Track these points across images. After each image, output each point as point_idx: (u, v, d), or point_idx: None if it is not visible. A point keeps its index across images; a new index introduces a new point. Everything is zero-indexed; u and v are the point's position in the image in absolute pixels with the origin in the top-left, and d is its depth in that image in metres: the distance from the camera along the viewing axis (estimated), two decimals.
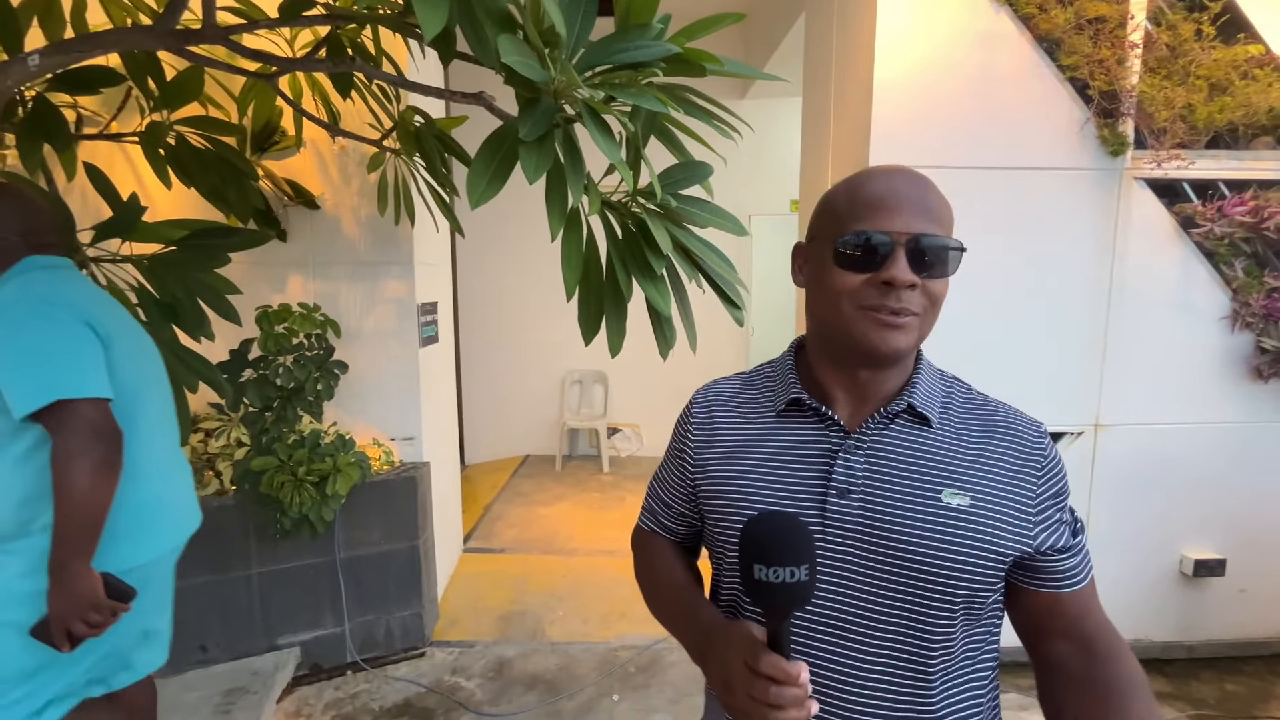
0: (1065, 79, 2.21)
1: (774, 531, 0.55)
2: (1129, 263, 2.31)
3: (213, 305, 1.78)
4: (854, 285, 0.65)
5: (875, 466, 0.67)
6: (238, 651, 2.29)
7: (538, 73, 0.93)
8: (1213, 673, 2.43)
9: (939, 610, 0.65)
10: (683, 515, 0.83)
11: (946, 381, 0.75)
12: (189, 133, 1.91)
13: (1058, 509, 0.69)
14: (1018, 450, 0.69)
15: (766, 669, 0.54)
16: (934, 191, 0.67)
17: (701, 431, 0.78)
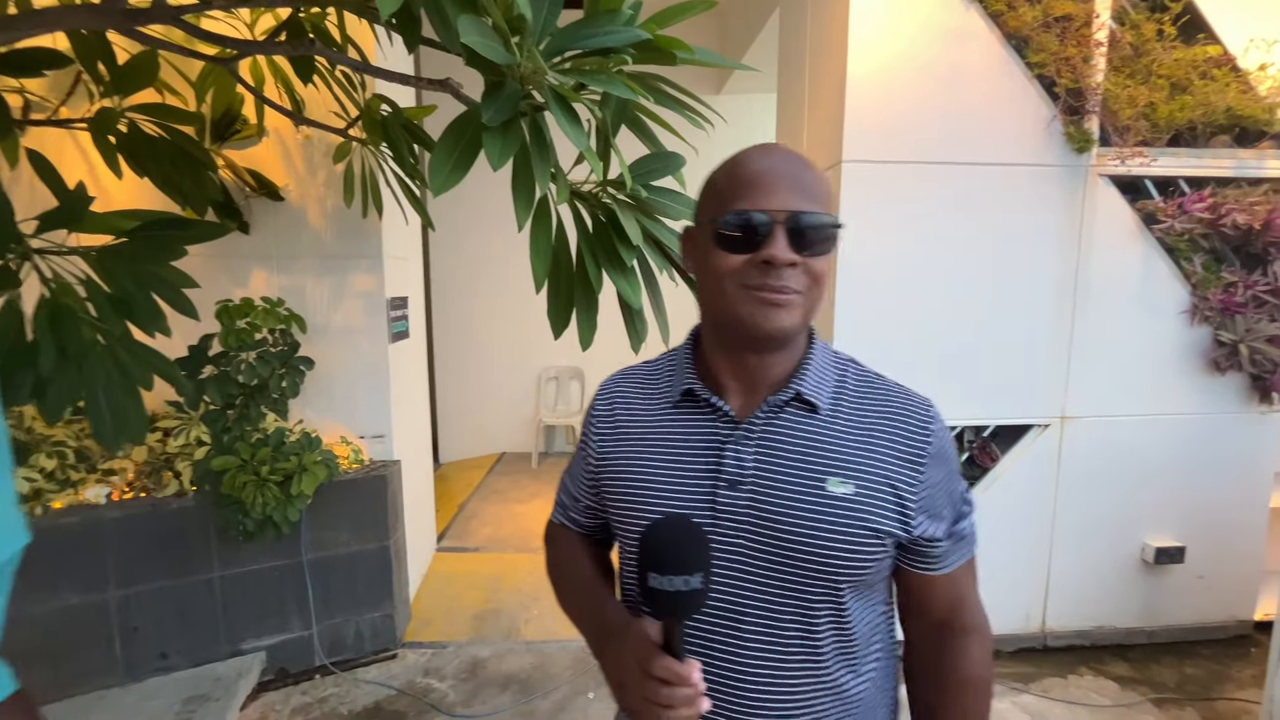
0: (1033, 76, 2.24)
1: (670, 540, 0.56)
2: (1094, 258, 2.36)
3: (168, 299, 1.71)
4: (736, 266, 0.64)
5: (765, 457, 0.67)
6: (199, 658, 2.21)
7: (500, 54, 0.90)
8: (1172, 656, 2.51)
9: (826, 594, 0.66)
10: (590, 509, 0.83)
11: (840, 364, 0.74)
12: (142, 120, 1.83)
13: (945, 493, 0.70)
14: (901, 434, 0.69)
15: (660, 671, 0.55)
16: (811, 169, 0.66)
17: (603, 424, 0.78)
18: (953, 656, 0.72)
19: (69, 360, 1.50)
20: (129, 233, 1.67)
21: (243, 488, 2.00)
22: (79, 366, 1.46)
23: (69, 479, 2.07)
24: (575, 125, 0.99)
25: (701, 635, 0.68)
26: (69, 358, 1.50)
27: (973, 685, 0.72)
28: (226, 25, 2.08)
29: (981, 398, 2.40)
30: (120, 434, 1.51)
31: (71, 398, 1.46)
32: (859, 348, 2.31)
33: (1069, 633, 2.55)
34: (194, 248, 2.19)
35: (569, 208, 1.35)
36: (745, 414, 0.70)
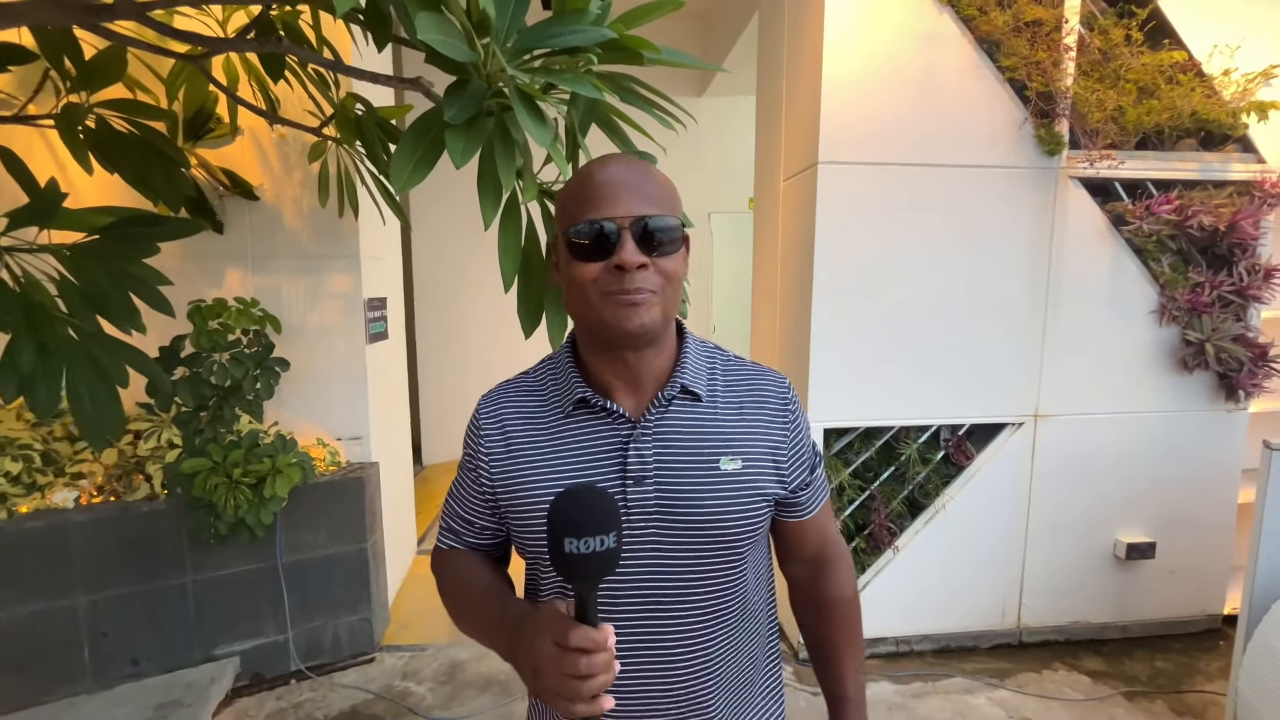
0: (1005, 79, 2.28)
1: (581, 504, 0.56)
2: (1065, 259, 2.40)
3: (143, 296, 1.68)
4: (593, 274, 0.69)
5: (663, 449, 0.73)
6: (171, 664, 2.18)
7: (460, 52, 0.90)
8: (1144, 651, 2.55)
9: (731, 560, 0.75)
10: (486, 529, 0.82)
11: (709, 353, 0.81)
12: (111, 116, 1.80)
13: (801, 449, 0.80)
14: (770, 407, 0.78)
15: (577, 641, 0.55)
16: (654, 175, 0.71)
17: (494, 442, 0.77)
18: (828, 583, 0.87)
19: (51, 356, 1.48)
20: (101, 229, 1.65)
21: (214, 490, 1.97)
22: (61, 363, 1.44)
23: (35, 482, 2.04)
24: (539, 123, 0.99)
25: (624, 623, 0.73)
26: (51, 353, 1.48)
27: (846, 602, 0.87)
28: (199, 23, 2.06)
29: (957, 397, 2.43)
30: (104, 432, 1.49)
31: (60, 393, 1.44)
32: (836, 348, 2.34)
33: (1044, 628, 2.59)
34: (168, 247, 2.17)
35: (539, 206, 1.35)
36: (638, 413, 0.75)
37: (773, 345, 2.77)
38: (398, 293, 3.11)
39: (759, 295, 3.02)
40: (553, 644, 0.56)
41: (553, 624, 0.57)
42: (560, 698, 0.56)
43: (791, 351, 2.54)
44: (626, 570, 0.73)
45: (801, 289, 2.41)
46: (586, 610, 0.57)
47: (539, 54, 1.14)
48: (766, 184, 2.87)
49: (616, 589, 0.73)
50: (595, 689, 0.55)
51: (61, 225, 1.56)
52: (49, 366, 1.39)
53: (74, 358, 1.45)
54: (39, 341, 1.36)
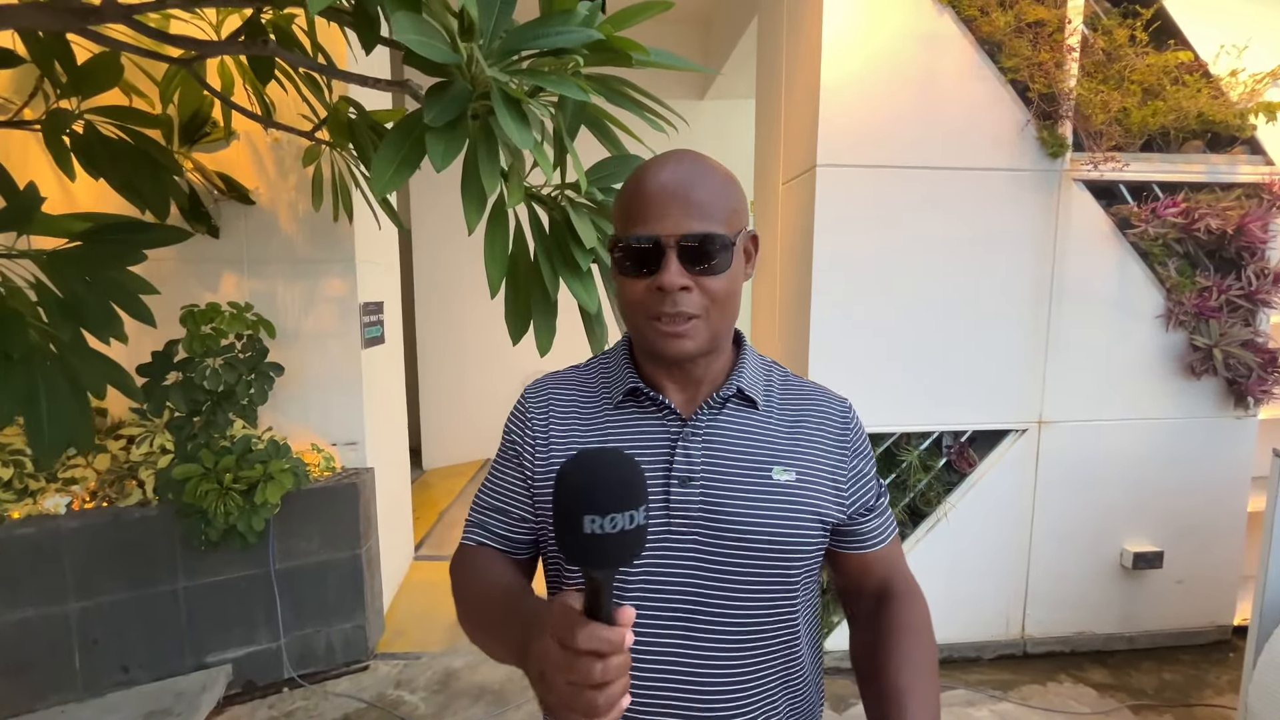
0: (1006, 81, 2.24)
1: (604, 472, 0.46)
2: (1069, 262, 2.36)
3: (124, 305, 1.67)
4: (638, 294, 0.67)
5: (712, 452, 0.70)
6: (162, 671, 2.16)
7: (440, 52, 0.88)
8: (1151, 662, 2.50)
9: (778, 581, 0.69)
10: (524, 520, 0.75)
11: (767, 366, 0.79)
12: (101, 122, 1.79)
13: (865, 475, 0.76)
14: (830, 426, 0.74)
15: (587, 643, 0.45)
16: (710, 180, 0.66)
17: (539, 427, 0.74)
18: (895, 610, 0.74)
19: (14, 366, 1.46)
20: (84, 235, 1.63)
21: (204, 496, 1.96)
22: (23, 372, 1.42)
23: (27, 488, 2.03)
24: (522, 126, 0.96)
25: (656, 641, 0.68)
26: (13, 364, 1.46)
27: (917, 632, 0.72)
28: (195, 27, 2.05)
29: (959, 402, 2.39)
30: (57, 446, 1.46)
31: (17, 405, 1.41)
32: (835, 353, 2.31)
33: (1049, 639, 2.54)
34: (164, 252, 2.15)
35: (527, 211, 1.33)
36: (688, 411, 0.72)
37: (772, 350, 2.74)
38: (395, 297, 3.10)
39: (758, 299, 2.99)
40: (559, 646, 0.47)
41: (561, 621, 0.47)
42: (571, 711, 0.46)
43: (790, 356, 2.50)
44: (662, 581, 0.68)
45: (800, 293, 2.38)
46: (600, 603, 0.46)
47: (527, 55, 1.12)
48: (766, 187, 2.85)
49: (650, 601, 0.67)
50: (611, 700, 0.45)
51: (39, 231, 1.55)
52: (9, 376, 1.36)
53: (40, 368, 1.43)
54: (3, 351, 1.34)
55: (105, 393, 1.69)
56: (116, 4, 1.33)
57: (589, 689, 0.45)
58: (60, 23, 1.34)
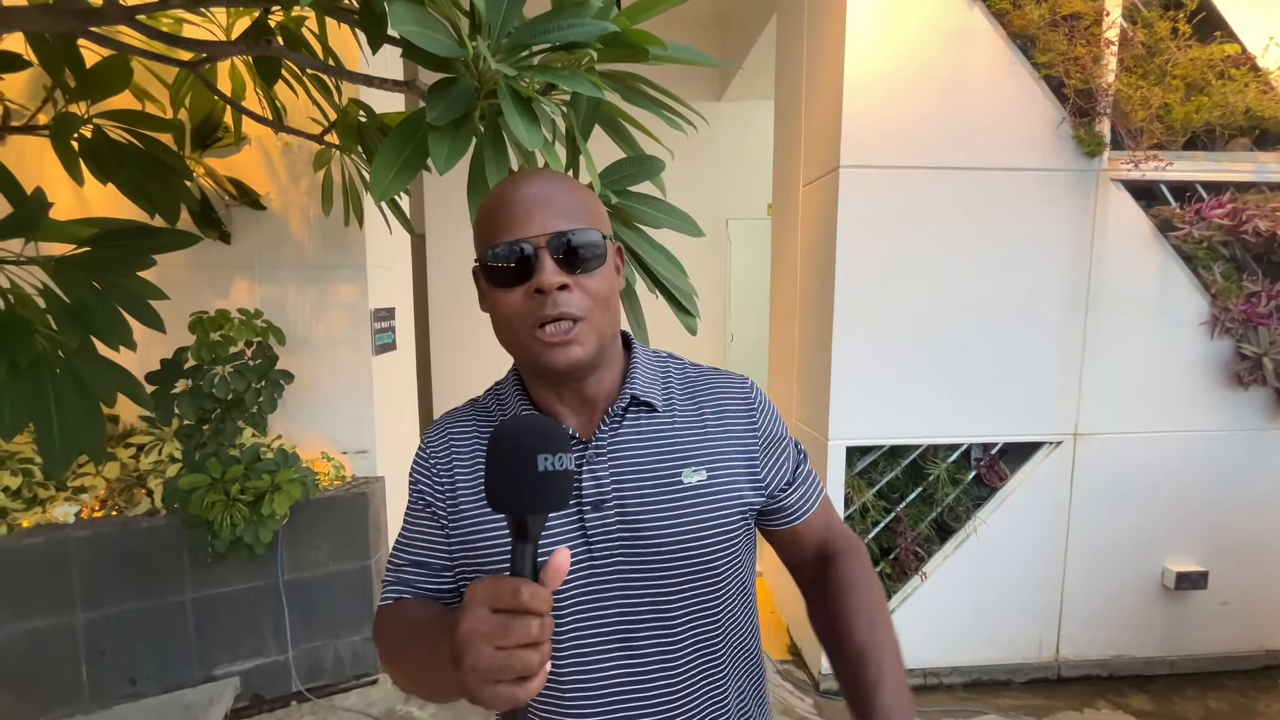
0: (1040, 77, 2.14)
1: (542, 423, 0.51)
2: (1106, 267, 2.24)
3: (132, 311, 1.64)
4: (514, 303, 0.63)
5: (619, 469, 0.67)
6: (169, 684, 2.12)
7: (442, 45, 0.82)
8: (1196, 689, 2.36)
9: (707, 587, 0.68)
10: (444, 569, 0.71)
11: (661, 361, 0.76)
12: (110, 126, 1.77)
13: (778, 449, 0.73)
14: (732, 410, 0.72)
15: (531, 600, 0.45)
16: (570, 188, 0.66)
17: (443, 471, 0.71)
18: (837, 570, 0.74)
19: (22, 374, 1.43)
20: (92, 241, 1.60)
21: (211, 508, 1.92)
22: (32, 381, 1.39)
23: (36, 496, 2.01)
24: (530, 123, 0.90)
25: (593, 667, 0.66)
26: (21, 372, 1.43)
27: (863, 586, 0.71)
28: (205, 31, 2.03)
29: (988, 414, 2.28)
30: (68, 454, 1.43)
31: (27, 414, 1.38)
32: (858, 362, 2.22)
33: (1085, 662, 2.41)
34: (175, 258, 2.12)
35: None
36: (588, 432, 0.69)
37: (791, 357, 2.65)
38: (407, 303, 3.06)
39: (777, 305, 2.90)
40: (489, 612, 0.46)
41: (491, 588, 0.46)
42: (497, 682, 0.45)
43: (811, 364, 2.42)
44: (594, 609, 0.66)
45: (822, 298, 2.29)
46: (532, 563, 0.47)
47: (538, 50, 1.05)
48: (785, 189, 2.76)
49: (584, 630, 0.66)
50: (544, 658, 0.46)
51: (46, 236, 1.52)
52: (18, 385, 1.33)
53: (50, 375, 1.40)
54: (10, 359, 1.31)
55: (115, 400, 1.66)
56: (118, 5, 1.29)
57: (524, 649, 0.45)
58: (63, 24, 1.31)
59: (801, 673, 2.47)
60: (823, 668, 2.36)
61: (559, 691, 0.67)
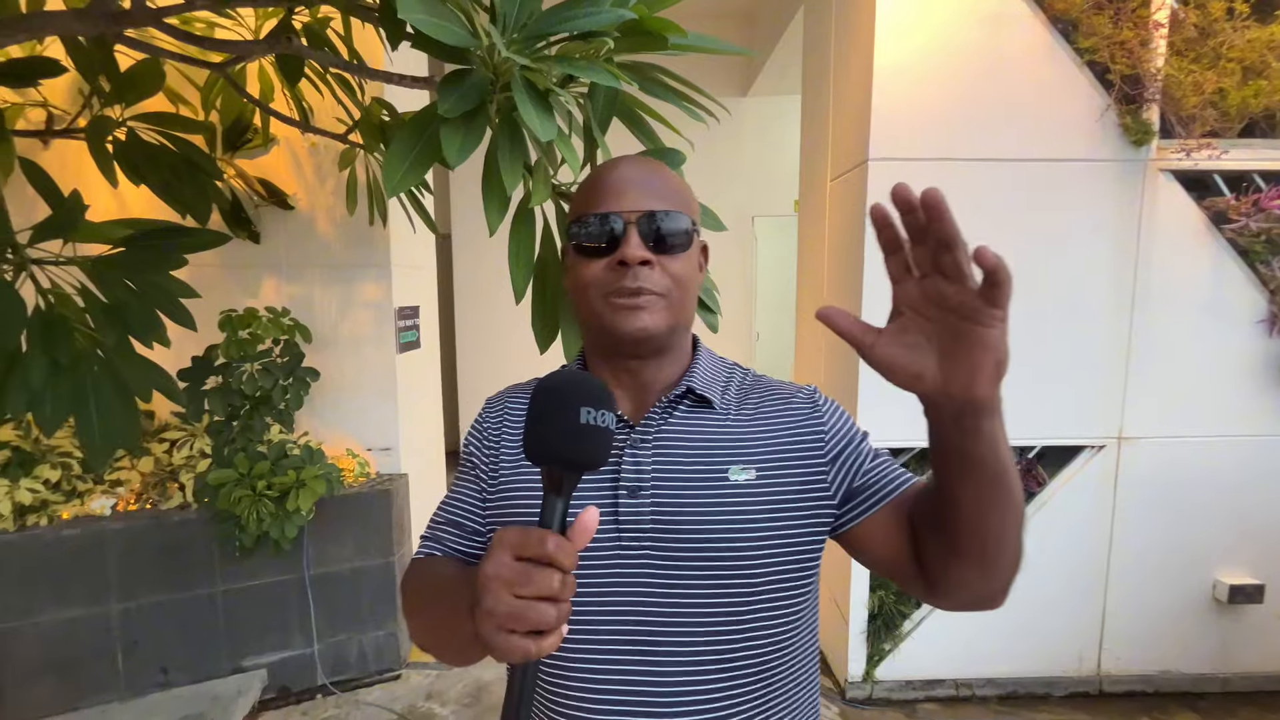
0: (1083, 63, 2.04)
1: (587, 378, 0.51)
2: (1154, 261, 2.13)
3: (165, 309, 1.67)
4: (596, 273, 0.64)
5: (663, 458, 0.65)
6: (200, 674, 2.17)
7: (453, 34, 0.80)
8: (1252, 709, 2.23)
9: (742, 596, 0.62)
10: (476, 534, 0.71)
11: (728, 367, 0.75)
12: (144, 128, 1.81)
13: (851, 450, 0.68)
14: (796, 413, 0.68)
15: (557, 552, 0.43)
16: (665, 174, 0.68)
17: (492, 440, 0.73)
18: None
19: (63, 372, 1.47)
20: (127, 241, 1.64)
21: (238, 503, 1.95)
22: (72, 379, 1.43)
23: (75, 489, 2.07)
24: (545, 114, 0.88)
25: (607, 662, 0.62)
26: (62, 369, 1.47)
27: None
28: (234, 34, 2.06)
29: (1026, 416, 2.19)
30: (107, 448, 1.46)
31: (68, 409, 1.42)
32: None
33: (1128, 677, 2.30)
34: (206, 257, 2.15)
35: (555, 209, 1.25)
36: (637, 417, 0.68)
37: (819, 355, 2.59)
38: (431, 302, 3.08)
39: (804, 302, 2.84)
40: (513, 559, 0.44)
41: (518, 536, 0.44)
42: (511, 631, 0.43)
43: (839, 362, 2.35)
44: (612, 601, 0.62)
45: (850, 295, 2.23)
46: (562, 518, 0.46)
47: (556, 40, 1.03)
48: (812, 184, 2.70)
49: (598, 623, 0.62)
50: (563, 616, 0.44)
51: (83, 237, 1.56)
52: (59, 382, 1.36)
53: (89, 371, 1.43)
54: (51, 357, 1.34)
55: (150, 396, 1.69)
56: (146, 7, 1.31)
57: (543, 602, 0.43)
58: (94, 26, 1.33)
59: (827, 680, 2.41)
60: (849, 675, 2.29)
61: (564, 677, 0.64)
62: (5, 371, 1.43)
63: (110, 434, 1.52)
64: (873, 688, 2.29)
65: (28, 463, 1.96)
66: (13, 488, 1.92)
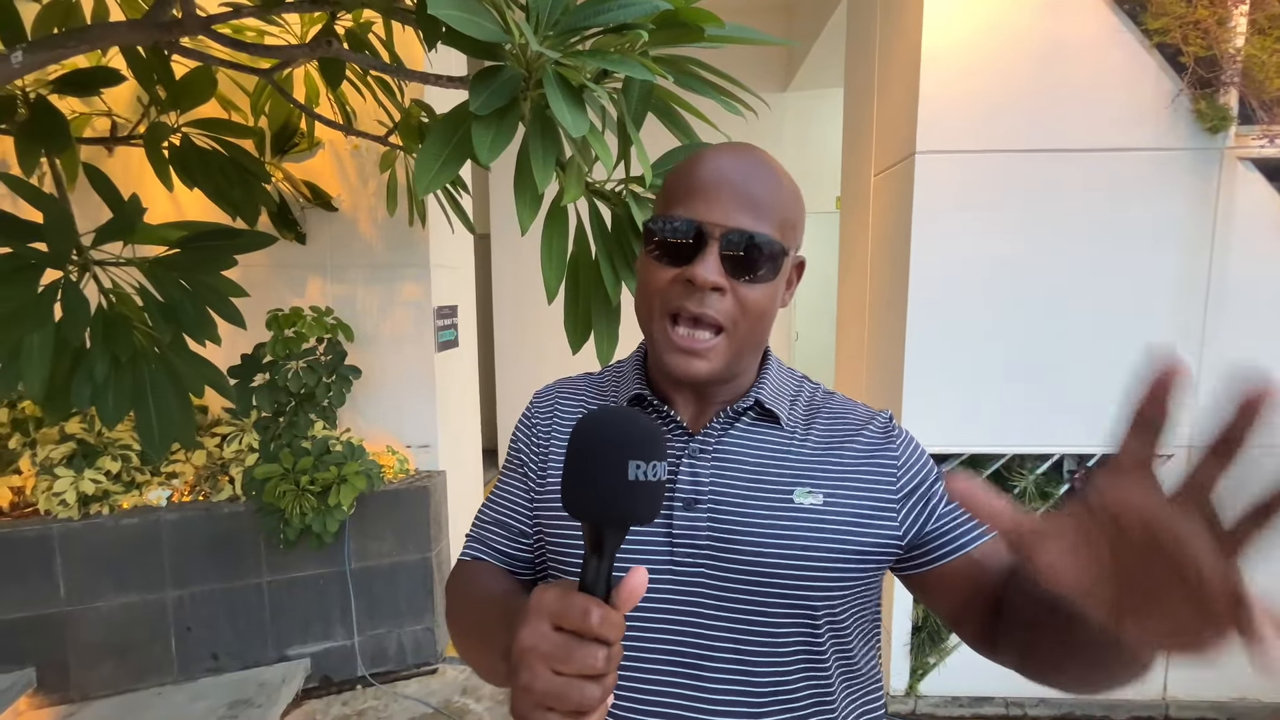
0: (1152, 45, 1.91)
1: (640, 420, 0.43)
2: (1232, 257, 1.98)
3: (216, 308, 1.73)
4: (662, 282, 0.58)
5: (722, 472, 0.60)
6: (248, 660, 2.25)
7: (485, 30, 0.79)
8: None
9: (799, 623, 0.58)
10: (523, 535, 0.68)
11: (797, 380, 0.70)
12: (197, 134, 1.88)
13: (924, 486, 0.62)
14: (868, 438, 0.63)
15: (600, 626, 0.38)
16: (772, 182, 0.58)
17: (541, 435, 0.69)
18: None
19: (123, 367, 1.53)
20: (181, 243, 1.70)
21: (282, 497, 2.01)
22: (131, 374, 1.49)
23: (134, 481, 2.17)
24: (577, 110, 0.86)
25: (655, 686, 0.58)
26: (122, 365, 1.54)
27: None
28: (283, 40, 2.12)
29: (1085, 421, 2.06)
30: (165, 442, 1.52)
31: (129, 403, 1.49)
32: (934, 364, 2.05)
33: (1199, 703, 2.14)
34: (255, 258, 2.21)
35: (588, 207, 1.23)
36: (698, 426, 0.64)
37: (860, 357, 2.50)
38: (469, 301, 3.12)
39: (845, 302, 2.75)
40: (554, 630, 0.39)
41: (558, 603, 0.40)
42: (562, 704, 0.38)
43: (882, 365, 2.27)
44: (664, 621, 0.59)
45: (895, 295, 2.14)
46: (606, 580, 0.41)
47: (590, 35, 1.01)
48: (855, 180, 2.61)
49: (647, 644, 0.58)
50: (607, 691, 0.39)
51: (141, 239, 1.62)
52: (119, 377, 1.42)
53: (147, 369, 1.49)
54: (113, 353, 1.40)
55: (203, 391, 1.76)
56: (195, 16, 1.35)
57: (585, 680, 0.38)
58: (148, 35, 1.38)
59: None
60: (891, 689, 2.21)
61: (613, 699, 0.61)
62: (71, 366, 1.50)
63: (167, 427, 1.58)
64: (917, 703, 2.20)
65: (91, 455, 2.06)
66: (77, 478, 2.02)
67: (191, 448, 2.28)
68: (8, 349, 1.42)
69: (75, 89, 1.65)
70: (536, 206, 0.98)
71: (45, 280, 1.46)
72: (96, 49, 1.46)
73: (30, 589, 2.01)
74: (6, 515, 2.09)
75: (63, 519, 2.03)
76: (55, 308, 1.46)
